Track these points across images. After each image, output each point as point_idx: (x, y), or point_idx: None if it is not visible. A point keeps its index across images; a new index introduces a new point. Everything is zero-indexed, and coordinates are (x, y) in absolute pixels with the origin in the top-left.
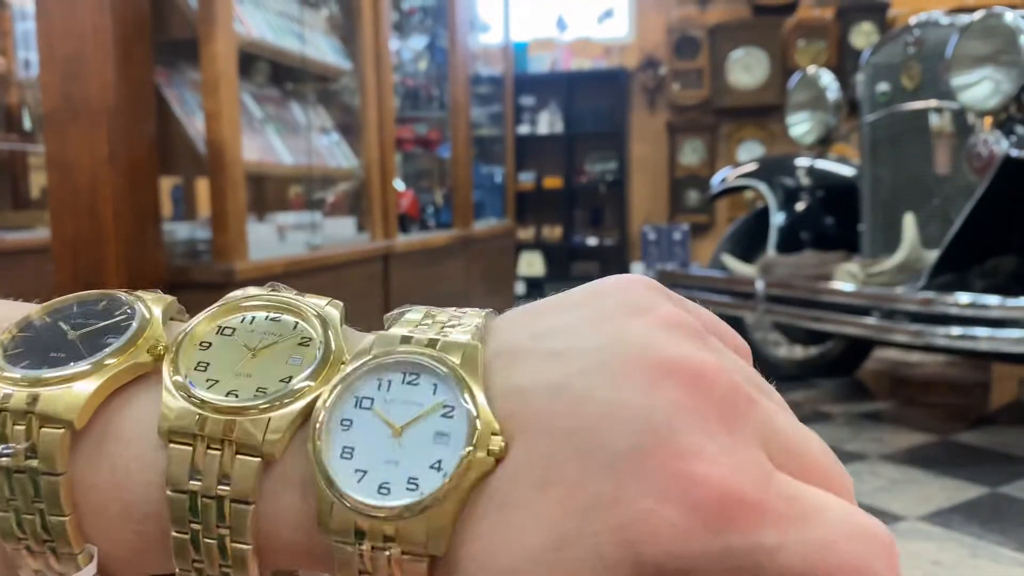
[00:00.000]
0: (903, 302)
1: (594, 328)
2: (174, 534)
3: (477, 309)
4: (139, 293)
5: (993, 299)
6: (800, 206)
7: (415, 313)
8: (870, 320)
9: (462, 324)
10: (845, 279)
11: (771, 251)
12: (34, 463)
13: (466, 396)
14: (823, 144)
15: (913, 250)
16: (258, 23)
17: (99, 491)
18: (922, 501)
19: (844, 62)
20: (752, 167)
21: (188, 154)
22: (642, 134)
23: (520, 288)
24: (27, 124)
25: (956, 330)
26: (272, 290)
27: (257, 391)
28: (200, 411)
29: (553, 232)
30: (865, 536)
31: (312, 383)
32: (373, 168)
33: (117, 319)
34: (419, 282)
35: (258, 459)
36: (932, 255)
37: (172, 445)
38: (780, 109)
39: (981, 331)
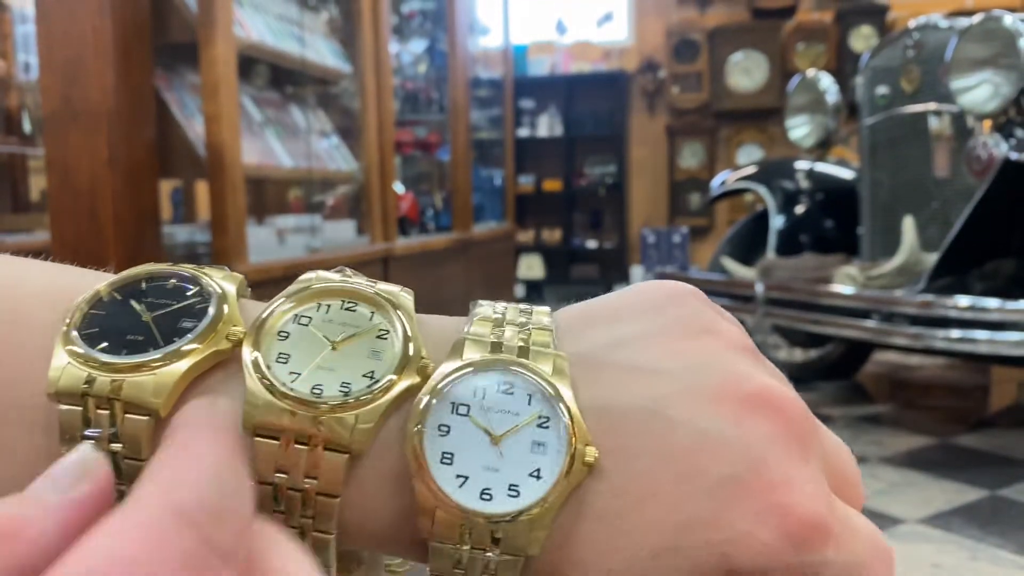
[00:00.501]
0: (902, 305)
1: (667, 346)
2: None
3: (540, 307)
4: (207, 270)
5: (993, 302)
6: (799, 209)
7: (485, 308)
8: (870, 323)
9: (540, 326)
10: (844, 282)
11: (770, 254)
12: (117, 447)
13: (561, 407)
14: (822, 147)
15: (912, 253)
16: (258, 26)
17: None
18: (922, 504)
19: (843, 65)
20: (751, 170)
21: (188, 157)
22: (642, 137)
23: (520, 291)
24: (27, 127)
25: (956, 333)
26: (343, 276)
27: (341, 386)
28: (287, 407)
29: (553, 235)
30: (886, 557)
31: (395, 377)
32: (373, 171)
33: (191, 301)
34: (419, 285)
35: (346, 455)
36: (931, 258)
37: (258, 439)
38: (779, 112)
39: (981, 334)
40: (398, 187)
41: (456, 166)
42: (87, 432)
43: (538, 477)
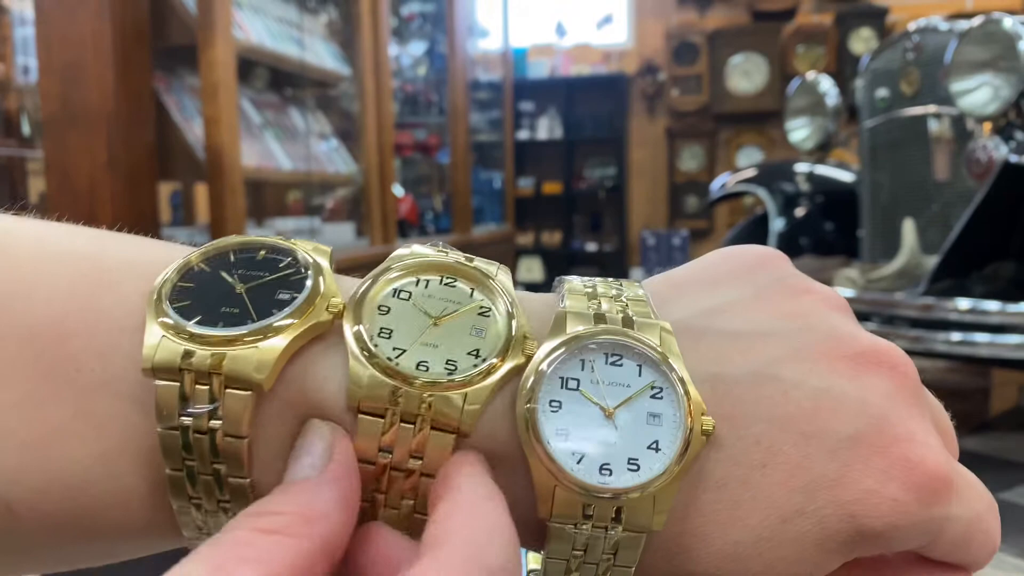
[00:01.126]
0: (903, 308)
1: (768, 309)
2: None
3: (626, 280)
4: (295, 242)
5: (993, 305)
6: (799, 212)
7: (575, 282)
8: (870, 325)
9: (635, 298)
10: (845, 285)
11: None
12: (217, 424)
13: (673, 376)
14: (822, 150)
15: (912, 256)
16: (257, 29)
17: (284, 453)
18: None
19: (843, 68)
20: (751, 173)
21: (187, 160)
22: (641, 139)
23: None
24: (26, 130)
25: (956, 336)
26: (439, 250)
27: (447, 363)
28: (393, 383)
29: (552, 237)
30: (996, 510)
31: (499, 359)
32: (372, 173)
33: (285, 272)
34: None
35: (453, 435)
36: (932, 261)
37: (363, 416)
38: (779, 115)
39: (981, 337)
40: (397, 190)
41: (456, 168)
42: (189, 410)
43: (656, 449)
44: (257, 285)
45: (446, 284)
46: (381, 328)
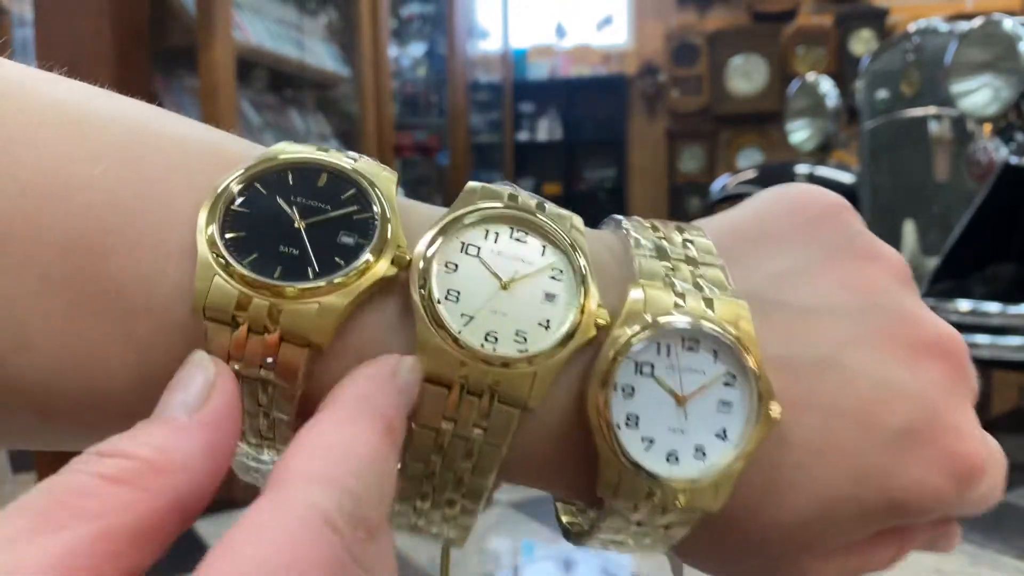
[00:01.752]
0: None
1: (835, 277)
2: (410, 462)
3: (692, 228)
4: (358, 167)
5: (993, 306)
6: None
7: (643, 233)
8: None
9: (707, 261)
10: None
11: None
12: (269, 376)
13: (748, 363)
14: (822, 151)
15: (913, 257)
16: (257, 30)
17: None
18: None
19: (843, 69)
20: (752, 174)
21: None
22: (641, 141)
23: None
24: None
25: None
26: (512, 192)
27: (516, 335)
28: (462, 357)
29: None
30: (1004, 465)
31: (572, 331)
32: None
33: (349, 209)
34: None
35: (519, 410)
36: (932, 262)
37: (428, 385)
38: (779, 116)
39: (982, 338)
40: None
41: (455, 170)
42: (243, 357)
43: (724, 438)
44: (318, 221)
45: (517, 240)
46: (448, 290)
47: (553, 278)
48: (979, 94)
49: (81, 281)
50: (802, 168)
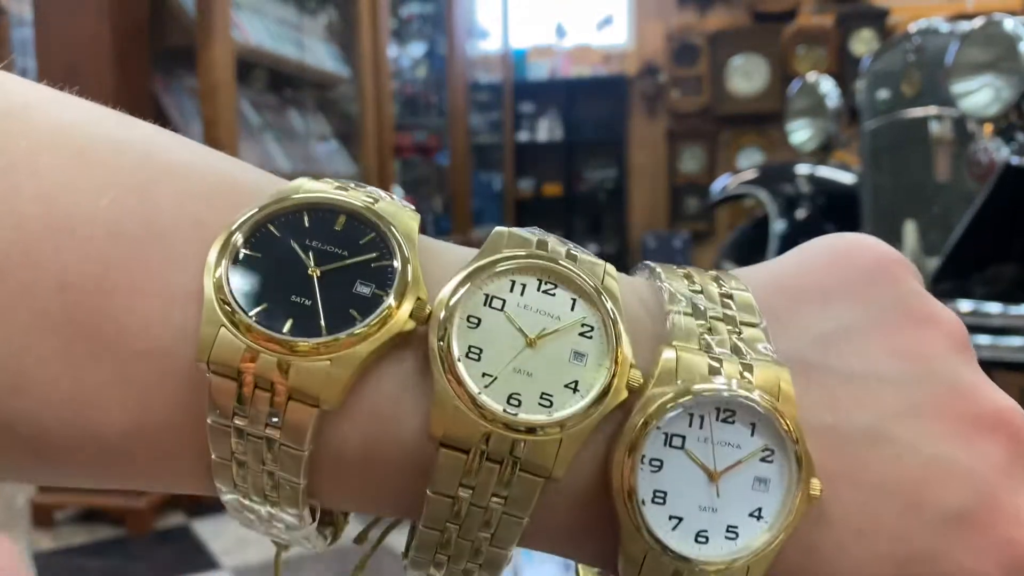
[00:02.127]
0: None
1: (886, 342)
2: (423, 528)
3: (732, 281)
4: (378, 208)
5: (995, 307)
6: (800, 213)
7: (676, 287)
8: None
9: (747, 320)
10: None
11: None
12: (275, 435)
13: (787, 438)
14: (823, 151)
15: (914, 257)
16: (256, 30)
17: (345, 466)
18: None
19: (844, 69)
20: (752, 174)
21: None
22: (642, 141)
23: None
24: None
25: None
26: (540, 239)
27: (542, 398)
28: (483, 421)
29: None
30: None
31: (602, 395)
32: (371, 175)
33: (367, 256)
34: None
35: (543, 479)
36: (933, 262)
37: (444, 450)
38: (780, 116)
39: (983, 339)
40: (397, 191)
41: (455, 170)
42: (247, 413)
43: (759, 517)
44: (334, 269)
45: (545, 292)
46: (470, 347)
47: (583, 335)
48: (980, 94)
49: (80, 320)
50: (803, 168)
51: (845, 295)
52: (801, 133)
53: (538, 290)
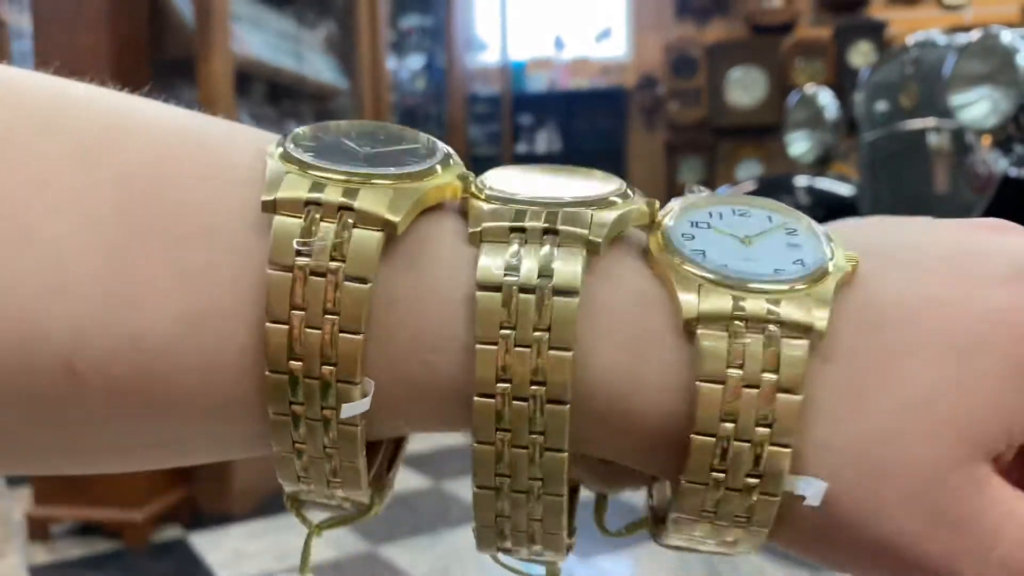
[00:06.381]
0: None
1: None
2: (479, 347)
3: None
4: (415, 132)
5: None
6: None
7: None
8: None
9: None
10: None
11: None
12: (338, 265)
13: (804, 221)
14: (822, 163)
15: None
16: (255, 42)
17: (397, 308)
18: None
19: (842, 81)
20: (751, 186)
21: None
22: (640, 153)
23: None
24: None
25: None
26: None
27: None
28: (516, 206)
29: None
30: None
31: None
32: None
33: (410, 146)
34: None
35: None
36: None
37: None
38: (779, 128)
39: None
40: None
41: None
42: (306, 243)
43: (803, 264)
44: (385, 151)
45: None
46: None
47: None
48: (978, 106)
49: (135, 213)
50: (801, 180)
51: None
52: (800, 145)
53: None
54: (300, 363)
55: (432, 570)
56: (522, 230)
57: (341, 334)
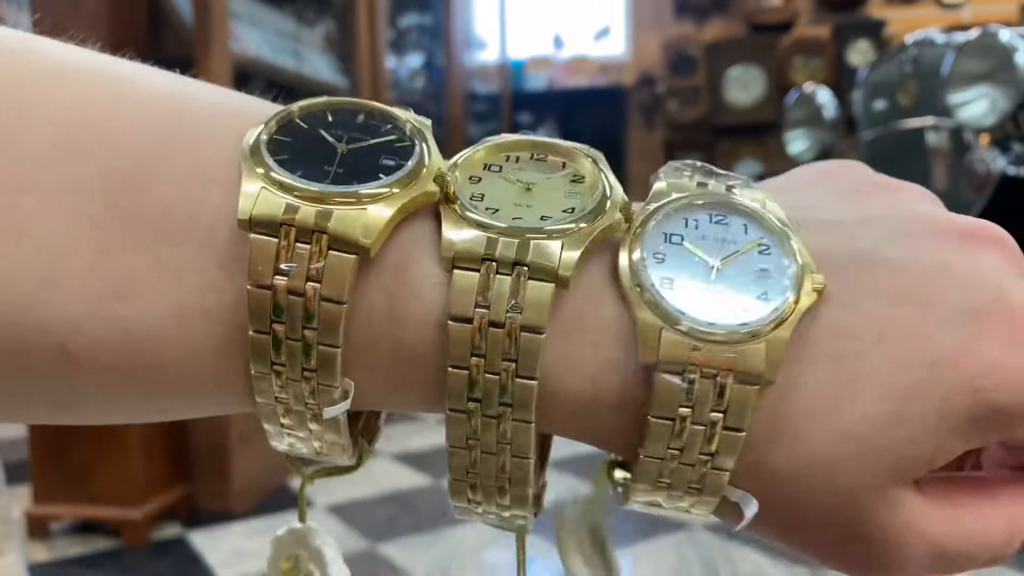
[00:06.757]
0: None
1: (862, 200)
2: (451, 369)
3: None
4: (394, 110)
5: None
6: None
7: (682, 165)
8: None
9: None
10: None
11: None
12: (314, 288)
13: (779, 230)
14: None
15: None
16: (254, 41)
17: (374, 325)
18: None
19: (841, 80)
20: None
21: None
22: (639, 151)
23: None
24: None
25: None
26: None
27: (542, 218)
28: (488, 234)
29: None
30: None
31: (595, 216)
32: None
33: (387, 138)
34: None
35: (552, 284)
36: None
37: (457, 271)
38: (778, 127)
39: None
40: None
41: None
42: (282, 266)
43: (766, 299)
44: (361, 147)
45: (537, 159)
46: (472, 195)
47: (575, 181)
48: (976, 105)
49: (125, 212)
50: None
51: (814, 184)
52: (798, 143)
53: (531, 159)
54: (284, 367)
55: (432, 569)
56: (493, 259)
57: (320, 346)
